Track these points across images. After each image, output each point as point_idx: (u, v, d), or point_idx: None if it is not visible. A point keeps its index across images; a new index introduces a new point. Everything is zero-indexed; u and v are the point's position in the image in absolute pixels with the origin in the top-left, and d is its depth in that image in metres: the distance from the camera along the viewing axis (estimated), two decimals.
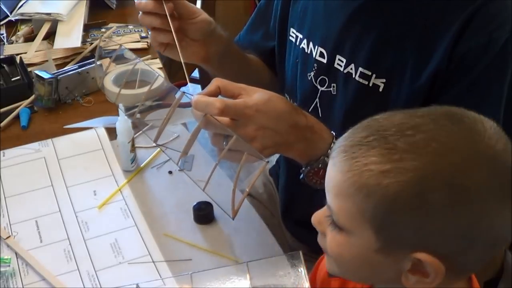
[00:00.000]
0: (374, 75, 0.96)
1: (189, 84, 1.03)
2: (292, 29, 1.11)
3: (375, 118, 0.67)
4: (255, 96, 0.87)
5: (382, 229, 0.64)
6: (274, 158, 1.38)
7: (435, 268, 0.64)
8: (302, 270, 0.85)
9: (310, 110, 1.07)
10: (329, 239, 0.69)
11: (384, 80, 0.96)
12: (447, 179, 0.61)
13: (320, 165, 0.90)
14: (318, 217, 0.72)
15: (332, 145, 0.90)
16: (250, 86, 0.89)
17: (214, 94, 0.88)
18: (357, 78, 0.98)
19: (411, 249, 0.64)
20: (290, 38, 1.12)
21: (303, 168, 0.92)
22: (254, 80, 1.22)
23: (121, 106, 1.09)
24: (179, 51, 1.01)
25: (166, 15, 1.00)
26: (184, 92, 0.91)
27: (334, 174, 0.66)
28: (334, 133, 0.92)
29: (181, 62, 1.01)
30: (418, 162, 0.61)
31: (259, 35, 1.24)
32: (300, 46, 1.08)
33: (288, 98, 1.09)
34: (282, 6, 1.15)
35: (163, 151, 1.09)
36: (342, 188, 0.65)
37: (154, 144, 1.12)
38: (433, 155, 0.61)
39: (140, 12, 1.03)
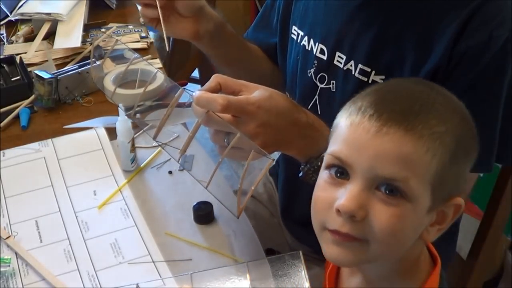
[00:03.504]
0: (373, 72, 0.97)
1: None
2: (294, 27, 1.12)
3: (388, 88, 0.75)
4: (257, 93, 0.87)
5: (436, 186, 0.68)
6: (274, 158, 1.38)
7: (461, 207, 0.71)
8: (302, 270, 0.85)
9: (309, 107, 1.07)
10: (384, 217, 0.67)
11: (383, 77, 0.96)
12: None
13: (319, 163, 0.90)
14: (359, 201, 0.67)
15: None
16: (251, 83, 0.89)
17: (215, 90, 0.88)
18: (356, 74, 0.99)
19: (449, 197, 0.70)
20: (292, 35, 1.13)
21: (302, 166, 0.92)
22: (254, 68, 1.23)
23: (121, 106, 1.09)
24: (163, 27, 1.04)
25: None
26: (184, 89, 0.91)
27: (398, 145, 0.66)
28: None
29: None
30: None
31: (263, 33, 1.25)
32: (301, 43, 1.09)
33: (288, 96, 1.10)
34: (285, 4, 1.16)
35: (162, 148, 1.09)
36: (414, 155, 0.66)
37: (154, 144, 1.12)
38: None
39: None
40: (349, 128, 0.70)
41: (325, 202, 0.71)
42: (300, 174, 0.92)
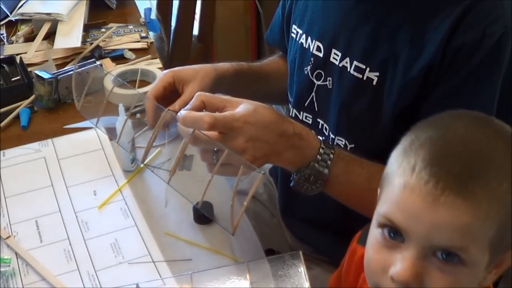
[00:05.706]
0: (368, 69, 0.97)
1: None
2: (294, 25, 1.13)
3: (443, 139, 0.67)
4: (241, 107, 0.87)
5: (495, 244, 0.65)
6: (264, 172, 1.38)
7: None
8: (302, 270, 0.85)
9: (306, 104, 1.08)
10: (441, 285, 0.65)
11: (377, 74, 0.96)
12: None
13: (309, 172, 0.90)
14: (414, 270, 0.65)
15: (320, 150, 0.90)
16: (234, 98, 0.90)
17: (199, 109, 0.88)
18: (352, 71, 0.99)
19: (506, 250, 0.68)
20: (292, 34, 1.13)
21: (293, 176, 0.92)
22: (272, 89, 1.23)
23: (121, 106, 1.09)
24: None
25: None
26: (168, 110, 0.91)
27: (456, 215, 0.63)
28: (321, 139, 0.93)
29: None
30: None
31: (279, 32, 1.25)
32: (299, 41, 1.10)
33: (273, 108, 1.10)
34: (290, 4, 1.17)
35: (151, 171, 1.09)
36: (474, 224, 0.63)
37: (154, 144, 1.12)
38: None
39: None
40: (403, 191, 0.66)
41: (379, 264, 0.69)
42: (291, 184, 0.93)
